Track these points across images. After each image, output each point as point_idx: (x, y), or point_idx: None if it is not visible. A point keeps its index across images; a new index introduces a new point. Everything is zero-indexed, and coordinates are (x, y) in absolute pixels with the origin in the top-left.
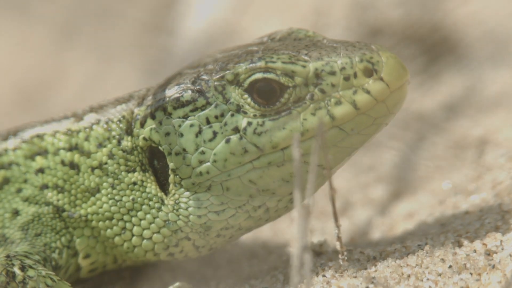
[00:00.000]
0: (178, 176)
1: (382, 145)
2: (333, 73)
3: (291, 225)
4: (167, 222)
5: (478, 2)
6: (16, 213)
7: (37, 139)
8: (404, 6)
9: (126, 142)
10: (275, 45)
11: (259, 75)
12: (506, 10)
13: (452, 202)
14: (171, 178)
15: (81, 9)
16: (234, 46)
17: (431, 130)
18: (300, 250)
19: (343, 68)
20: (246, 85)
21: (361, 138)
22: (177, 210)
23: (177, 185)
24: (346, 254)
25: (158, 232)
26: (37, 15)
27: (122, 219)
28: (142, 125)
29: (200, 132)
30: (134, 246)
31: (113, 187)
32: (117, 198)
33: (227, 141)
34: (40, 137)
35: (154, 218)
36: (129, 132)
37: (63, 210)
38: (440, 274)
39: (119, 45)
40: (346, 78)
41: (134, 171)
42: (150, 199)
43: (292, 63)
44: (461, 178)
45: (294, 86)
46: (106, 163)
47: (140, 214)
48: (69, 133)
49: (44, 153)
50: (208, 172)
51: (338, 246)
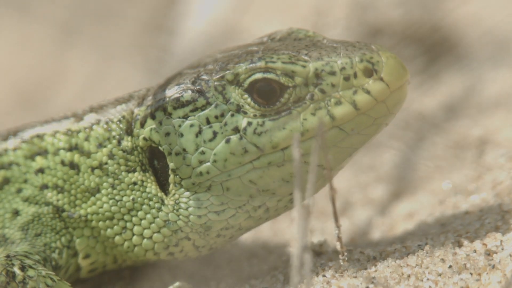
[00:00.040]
0: (178, 176)
1: (382, 145)
2: (333, 73)
3: (291, 225)
4: (167, 222)
5: (478, 2)
6: (16, 213)
7: (37, 139)
8: (404, 6)
9: (126, 142)
10: (275, 45)
11: (259, 75)
12: (506, 10)
13: (452, 202)
14: (171, 178)
15: (81, 9)
16: (234, 46)
17: (431, 130)
18: (300, 250)
19: (343, 68)
20: (246, 85)
21: (361, 139)
22: (177, 210)
23: (177, 185)
24: (346, 254)
25: (158, 231)
26: (37, 15)
27: (123, 219)
28: (142, 125)
29: (200, 132)
30: (135, 245)
31: (113, 187)
32: (117, 198)
33: (227, 141)
34: (40, 137)
35: (154, 218)
36: (129, 132)
37: (63, 210)
38: (440, 274)
39: (119, 45)
40: (346, 78)
41: (134, 171)
42: (150, 199)
43: (292, 63)
44: (461, 178)
45: (294, 86)
46: (106, 163)
47: (140, 214)
48: (69, 133)
49: (44, 153)
50: (208, 172)
51: (338, 246)
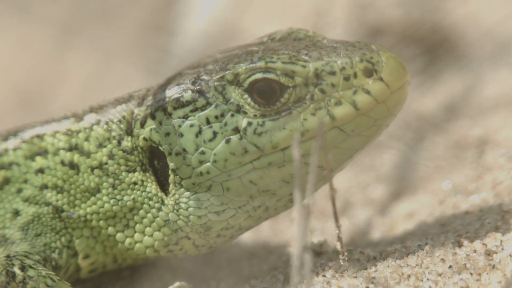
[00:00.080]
0: (178, 176)
1: (382, 145)
2: (333, 73)
3: (291, 225)
4: (168, 221)
5: (478, 2)
6: (16, 213)
7: (37, 139)
8: (404, 6)
9: (126, 142)
10: (275, 45)
11: (259, 75)
12: (506, 10)
13: (452, 202)
14: (171, 178)
15: (81, 9)
16: (234, 46)
17: (431, 130)
18: (300, 250)
19: (343, 68)
20: (246, 85)
21: (361, 140)
22: (177, 210)
23: (177, 185)
24: (346, 254)
25: (159, 230)
26: (37, 15)
27: (125, 217)
28: (142, 125)
29: (200, 132)
30: (136, 241)
31: (113, 187)
32: (118, 197)
33: (227, 141)
34: (40, 137)
35: (154, 218)
36: (129, 132)
37: (62, 210)
38: (440, 274)
39: (119, 45)
40: (346, 78)
41: (134, 171)
42: (150, 199)
43: (292, 63)
44: (461, 178)
45: (294, 86)
46: (106, 163)
47: (141, 212)
48: (69, 133)
49: (44, 153)
50: (208, 172)
51: (338, 246)
